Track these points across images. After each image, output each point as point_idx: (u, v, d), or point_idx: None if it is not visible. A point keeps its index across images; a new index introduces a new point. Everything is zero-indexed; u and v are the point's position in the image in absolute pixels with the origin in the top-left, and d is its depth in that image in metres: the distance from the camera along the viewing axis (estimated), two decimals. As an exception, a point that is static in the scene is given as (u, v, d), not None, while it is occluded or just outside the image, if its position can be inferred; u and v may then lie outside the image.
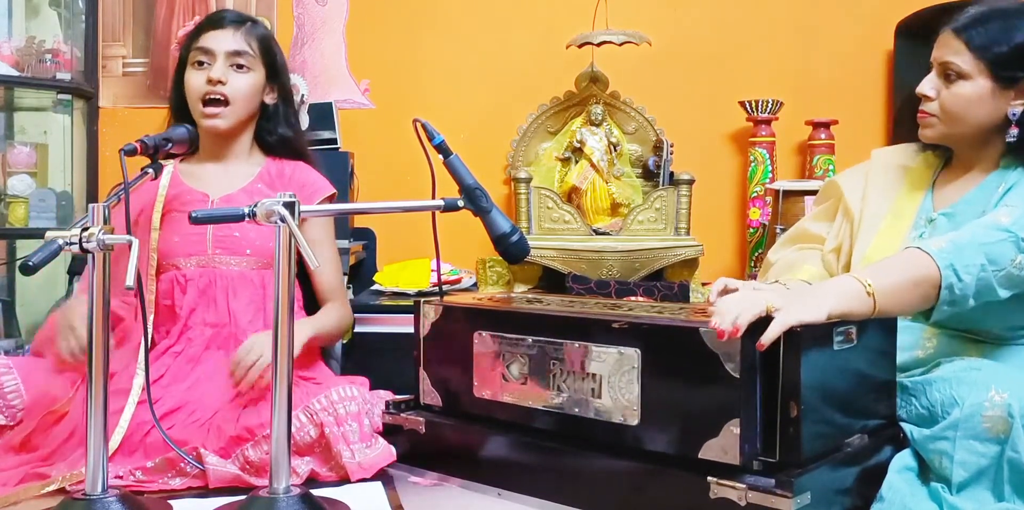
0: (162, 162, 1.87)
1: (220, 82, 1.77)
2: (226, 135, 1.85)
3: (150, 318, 1.77)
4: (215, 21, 1.83)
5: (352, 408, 1.57)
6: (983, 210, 1.50)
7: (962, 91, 1.50)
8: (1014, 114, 1.49)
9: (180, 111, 1.86)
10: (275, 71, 1.86)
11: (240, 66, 1.80)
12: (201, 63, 1.80)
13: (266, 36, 1.86)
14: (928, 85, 1.54)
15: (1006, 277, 1.38)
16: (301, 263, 1.84)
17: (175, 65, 1.88)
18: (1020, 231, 1.39)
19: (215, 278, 1.78)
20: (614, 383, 1.37)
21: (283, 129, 1.90)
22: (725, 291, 1.53)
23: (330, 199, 1.92)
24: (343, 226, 2.58)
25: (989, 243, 1.38)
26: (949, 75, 1.51)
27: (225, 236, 1.79)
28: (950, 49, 1.50)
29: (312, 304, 1.91)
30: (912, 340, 1.52)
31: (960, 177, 1.60)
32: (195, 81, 1.79)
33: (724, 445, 1.25)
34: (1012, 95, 1.49)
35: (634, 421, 1.35)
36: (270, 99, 1.88)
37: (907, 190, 1.64)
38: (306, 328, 1.72)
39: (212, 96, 1.78)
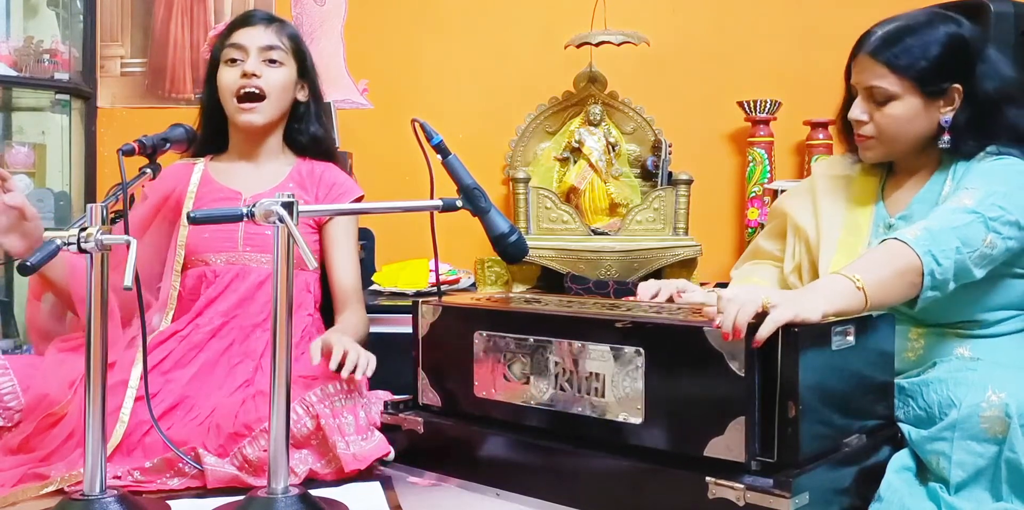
0: (191, 160, 1.89)
1: (255, 75, 1.79)
2: (259, 132, 1.86)
3: (170, 313, 1.78)
4: (246, 19, 1.85)
5: (348, 401, 1.58)
6: (935, 204, 1.53)
7: (895, 112, 1.53)
8: (946, 121, 1.53)
9: (213, 110, 1.87)
10: (306, 68, 1.89)
11: (273, 60, 1.82)
12: (234, 60, 1.81)
13: (296, 34, 1.89)
14: (859, 110, 1.57)
15: (980, 257, 1.41)
16: (323, 264, 1.86)
17: (205, 67, 1.90)
18: (986, 211, 1.42)
19: (242, 274, 1.79)
20: (617, 382, 1.37)
21: (315, 128, 1.92)
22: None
23: (359, 201, 1.93)
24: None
25: (960, 226, 1.40)
26: (877, 98, 1.54)
27: (256, 234, 1.80)
28: (872, 73, 1.53)
29: (328, 305, 1.92)
30: (899, 343, 1.52)
31: (906, 182, 1.64)
32: (229, 77, 1.81)
33: (729, 443, 1.25)
34: (941, 104, 1.53)
35: (638, 420, 1.35)
36: (303, 96, 1.90)
37: (856, 200, 1.68)
38: (347, 337, 1.72)
39: (247, 90, 1.80)
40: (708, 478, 1.24)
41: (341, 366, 1.54)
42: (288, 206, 1.33)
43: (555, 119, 2.63)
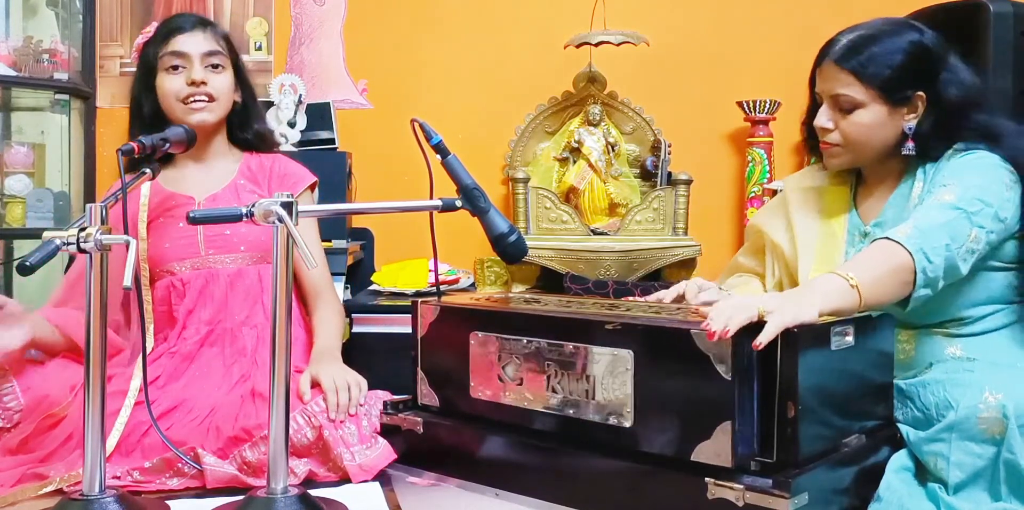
0: (158, 164, 1.87)
1: (203, 83, 1.78)
2: (209, 132, 1.85)
3: (150, 327, 1.78)
4: (181, 25, 1.83)
5: (350, 410, 1.58)
6: (908, 208, 1.54)
7: (860, 120, 1.54)
8: (910, 128, 1.54)
9: (153, 119, 1.83)
10: (239, 68, 1.89)
11: (215, 66, 1.82)
12: (176, 67, 1.80)
13: (227, 35, 1.89)
14: (824, 118, 1.59)
15: (967, 252, 1.41)
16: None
17: (137, 74, 1.87)
18: (967, 206, 1.42)
19: (212, 277, 1.78)
20: (608, 384, 1.37)
21: (258, 124, 1.92)
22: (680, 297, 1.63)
23: (312, 187, 1.94)
24: (341, 226, 2.58)
25: (946, 222, 1.41)
26: (843, 106, 1.55)
27: (216, 235, 1.79)
28: (838, 82, 1.55)
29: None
30: None
31: (876, 189, 1.65)
32: (174, 84, 1.80)
33: (716, 448, 1.25)
34: (905, 112, 1.54)
35: (628, 423, 1.35)
36: (238, 97, 1.89)
37: (829, 211, 1.69)
38: (337, 354, 1.75)
39: (197, 98, 1.79)
40: (707, 478, 1.24)
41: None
42: (287, 206, 1.33)
43: (554, 119, 2.63)
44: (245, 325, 1.77)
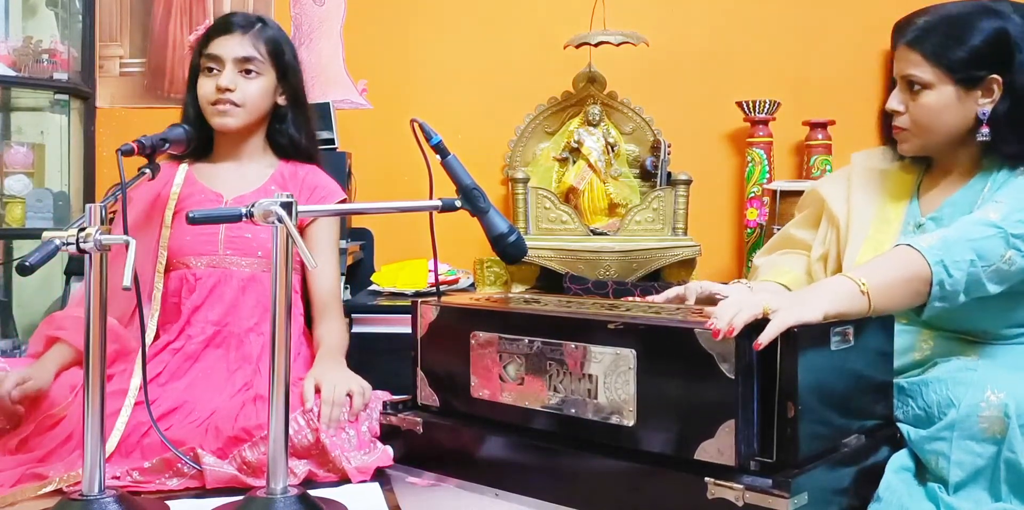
0: (175, 160, 1.88)
1: (229, 90, 1.78)
2: (238, 134, 1.85)
3: (155, 316, 1.78)
4: (223, 26, 1.83)
5: (350, 414, 1.57)
6: (970, 211, 1.50)
7: (928, 101, 1.51)
8: (984, 113, 1.50)
9: (197, 115, 1.85)
10: (285, 73, 1.86)
11: (249, 71, 1.80)
12: (211, 70, 1.80)
13: (275, 38, 1.86)
14: (895, 100, 1.56)
15: (995, 272, 1.39)
16: (303, 271, 1.86)
17: (188, 71, 1.89)
18: (1009, 227, 1.40)
19: (225, 278, 1.78)
20: (610, 384, 1.37)
21: (293, 131, 1.90)
22: (679, 298, 1.61)
23: (342, 204, 1.93)
24: (340, 226, 2.58)
25: (978, 239, 1.38)
26: (913, 87, 1.52)
27: (236, 237, 1.79)
28: (909, 62, 1.52)
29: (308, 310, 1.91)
30: (909, 343, 1.52)
31: (942, 181, 1.61)
32: (206, 88, 1.81)
33: (719, 446, 1.25)
34: (978, 95, 1.50)
35: (630, 422, 1.35)
36: (282, 101, 1.88)
37: (891, 195, 1.65)
38: (341, 359, 1.76)
39: (222, 106, 1.79)
40: (707, 478, 1.24)
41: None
42: (287, 206, 1.32)
43: (554, 119, 2.63)
44: (253, 332, 1.77)
